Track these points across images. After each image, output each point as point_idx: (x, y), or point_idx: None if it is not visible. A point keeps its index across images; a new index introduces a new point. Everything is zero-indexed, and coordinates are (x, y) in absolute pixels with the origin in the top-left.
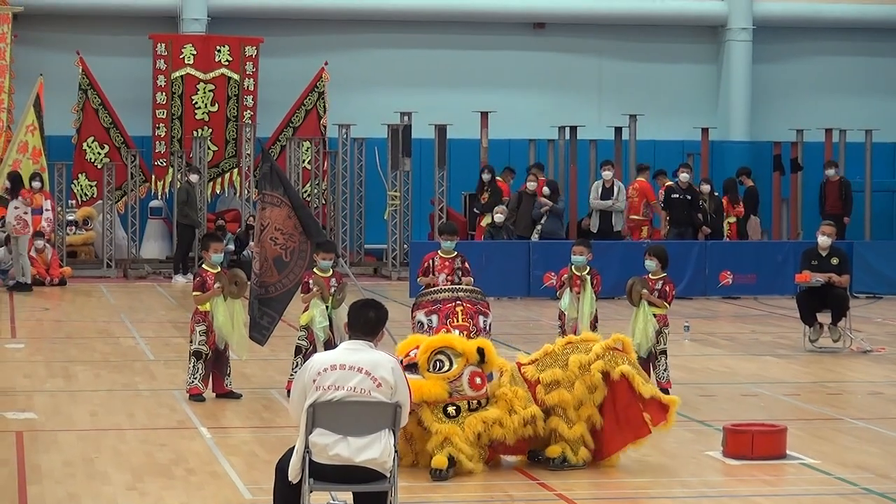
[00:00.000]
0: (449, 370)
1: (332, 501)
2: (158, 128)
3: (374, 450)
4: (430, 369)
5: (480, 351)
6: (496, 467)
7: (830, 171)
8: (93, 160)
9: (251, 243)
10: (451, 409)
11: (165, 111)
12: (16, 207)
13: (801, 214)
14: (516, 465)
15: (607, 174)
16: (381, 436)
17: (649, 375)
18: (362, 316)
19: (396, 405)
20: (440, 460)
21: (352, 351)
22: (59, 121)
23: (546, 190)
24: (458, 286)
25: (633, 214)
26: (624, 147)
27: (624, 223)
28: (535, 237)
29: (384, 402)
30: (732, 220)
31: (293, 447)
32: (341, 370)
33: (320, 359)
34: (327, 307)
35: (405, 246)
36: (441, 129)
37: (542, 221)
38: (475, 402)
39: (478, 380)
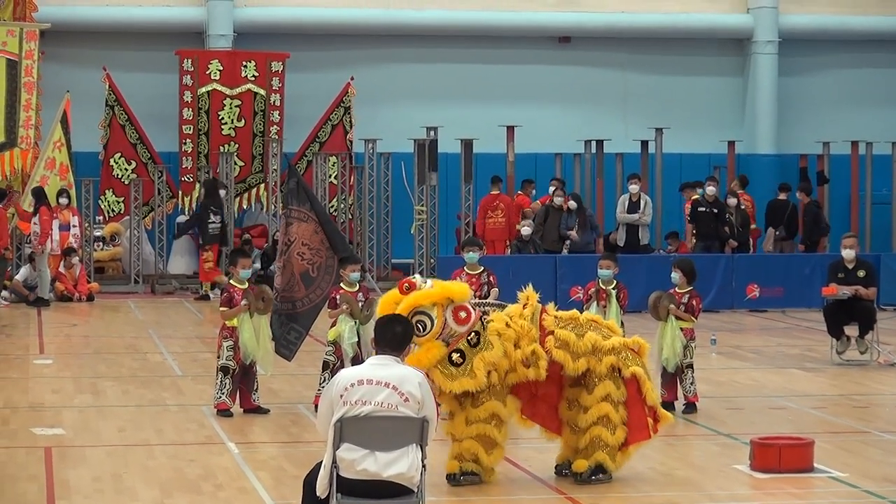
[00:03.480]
0: (432, 327)
1: None
2: (185, 143)
3: (402, 464)
4: (415, 334)
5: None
6: (523, 481)
7: (801, 195)
8: (120, 176)
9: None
10: (455, 357)
11: (192, 127)
12: (34, 224)
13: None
14: (544, 479)
15: (634, 188)
16: (409, 450)
17: (676, 389)
18: (389, 331)
19: (424, 420)
20: (453, 465)
21: (379, 366)
22: (85, 137)
23: (573, 204)
24: (483, 300)
25: None
26: (650, 161)
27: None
28: (564, 251)
29: (411, 417)
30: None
31: (321, 462)
32: (368, 385)
33: (347, 374)
34: (356, 323)
35: (432, 260)
36: (467, 144)
37: (571, 235)
38: (471, 335)
39: (462, 314)
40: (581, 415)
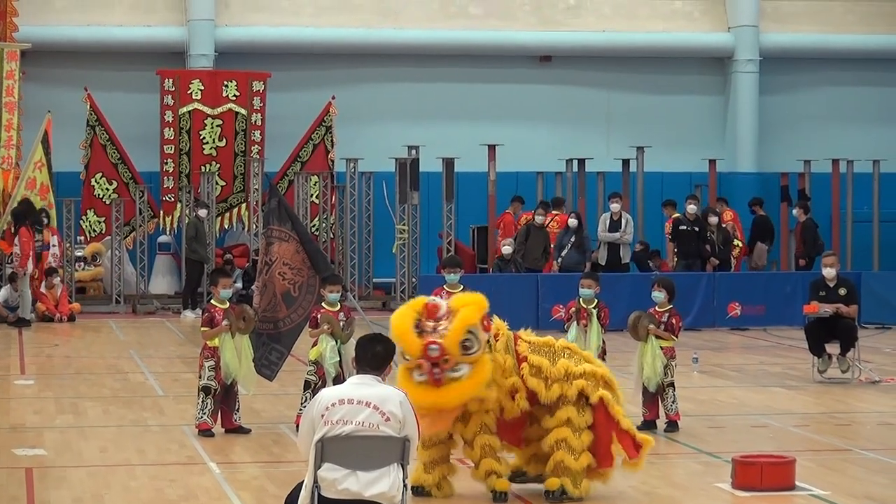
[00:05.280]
0: (479, 344)
1: None
2: (166, 163)
3: (383, 484)
4: (463, 352)
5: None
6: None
7: (796, 211)
8: (101, 196)
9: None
10: None
11: (173, 146)
12: (14, 245)
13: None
14: (520, 495)
15: (615, 206)
16: (390, 470)
17: (658, 408)
18: (370, 350)
19: (405, 439)
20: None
21: (360, 385)
22: (67, 157)
23: (573, 222)
24: None
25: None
26: (632, 179)
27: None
28: (555, 267)
29: (393, 437)
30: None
31: (302, 482)
32: (349, 405)
33: (328, 394)
34: (337, 342)
35: (413, 279)
36: (449, 163)
37: (564, 253)
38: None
39: (485, 321)
40: (467, 450)
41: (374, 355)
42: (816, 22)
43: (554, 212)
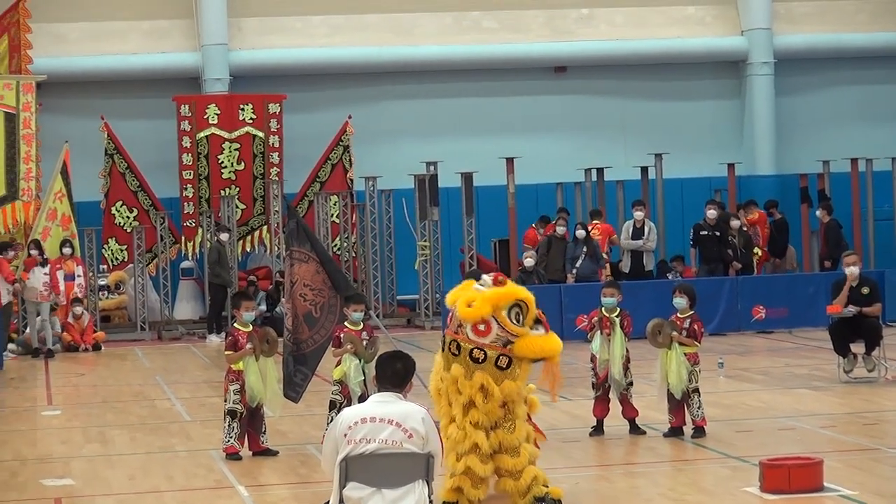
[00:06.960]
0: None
1: None
2: (186, 189)
3: (409, 501)
4: (515, 321)
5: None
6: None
7: (819, 212)
8: (122, 224)
9: (283, 300)
10: (502, 361)
11: (192, 172)
12: (45, 273)
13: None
14: None
15: (639, 214)
16: (415, 487)
17: (684, 414)
18: (390, 368)
19: (429, 455)
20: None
21: (381, 403)
22: (86, 186)
23: (581, 232)
24: None
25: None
26: (651, 186)
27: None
28: (570, 279)
29: (416, 453)
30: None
31: (328, 502)
32: (372, 423)
33: (350, 413)
34: (361, 361)
35: (437, 295)
36: (467, 177)
37: (578, 264)
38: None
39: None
40: (510, 458)
41: (395, 372)
42: (829, 22)
43: (595, 222)
